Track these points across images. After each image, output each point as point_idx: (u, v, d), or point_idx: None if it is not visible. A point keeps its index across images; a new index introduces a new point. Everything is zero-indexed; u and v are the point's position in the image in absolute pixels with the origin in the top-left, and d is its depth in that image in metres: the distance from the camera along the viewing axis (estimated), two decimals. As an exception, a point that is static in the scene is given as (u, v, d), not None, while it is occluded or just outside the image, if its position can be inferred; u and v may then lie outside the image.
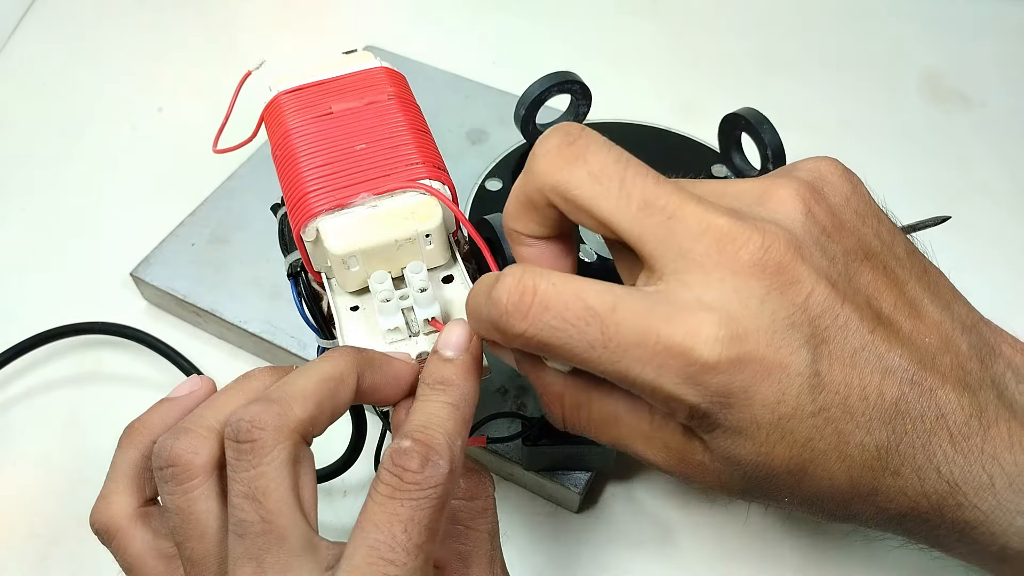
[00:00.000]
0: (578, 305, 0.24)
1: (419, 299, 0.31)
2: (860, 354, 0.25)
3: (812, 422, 0.24)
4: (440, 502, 0.24)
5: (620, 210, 0.25)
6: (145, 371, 0.47)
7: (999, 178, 0.57)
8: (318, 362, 0.27)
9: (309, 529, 0.25)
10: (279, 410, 0.25)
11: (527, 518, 0.42)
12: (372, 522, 0.24)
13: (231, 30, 0.70)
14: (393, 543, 0.23)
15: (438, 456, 0.25)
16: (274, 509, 0.24)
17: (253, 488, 0.25)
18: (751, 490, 0.27)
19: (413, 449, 0.25)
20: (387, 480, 0.24)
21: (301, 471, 0.26)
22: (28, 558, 0.41)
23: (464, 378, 0.28)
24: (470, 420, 0.28)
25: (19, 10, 0.71)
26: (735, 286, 0.24)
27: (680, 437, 0.26)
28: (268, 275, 0.48)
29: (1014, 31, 0.68)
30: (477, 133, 0.55)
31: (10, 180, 0.59)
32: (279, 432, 0.25)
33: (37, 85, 0.66)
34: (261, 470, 0.25)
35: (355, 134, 0.33)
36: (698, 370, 0.23)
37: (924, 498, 0.25)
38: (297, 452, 0.26)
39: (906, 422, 0.25)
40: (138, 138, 0.61)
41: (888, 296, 0.26)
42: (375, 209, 0.32)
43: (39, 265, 0.53)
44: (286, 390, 0.26)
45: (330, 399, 0.26)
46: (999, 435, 0.25)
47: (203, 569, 0.26)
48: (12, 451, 0.45)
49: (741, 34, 0.68)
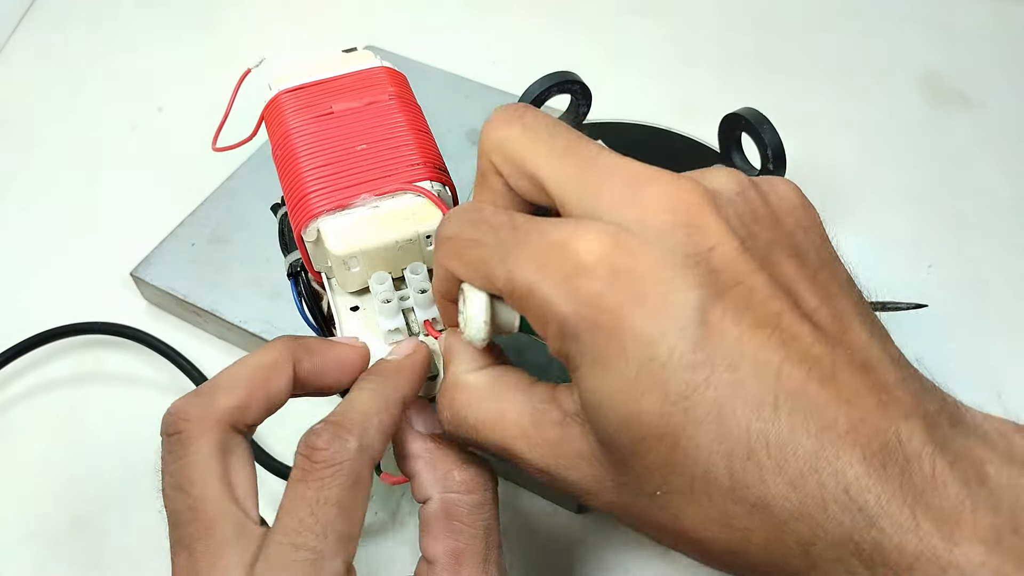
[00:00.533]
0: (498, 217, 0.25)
1: (419, 300, 0.31)
2: (764, 326, 0.21)
3: (689, 377, 0.21)
4: (349, 479, 0.25)
5: (547, 157, 0.25)
6: (145, 371, 0.47)
7: (999, 178, 0.57)
8: (254, 352, 0.28)
9: (241, 516, 0.25)
10: (204, 401, 0.26)
11: (527, 518, 0.42)
12: (284, 509, 0.24)
13: (231, 29, 0.70)
14: (300, 527, 0.24)
15: (347, 432, 0.25)
16: (200, 497, 0.25)
17: (179, 479, 0.25)
18: (625, 482, 0.23)
19: (323, 429, 0.25)
20: (298, 463, 0.25)
21: (232, 459, 0.26)
22: (28, 558, 0.41)
23: (395, 372, 0.28)
24: (397, 410, 0.28)
25: (19, 10, 0.71)
26: (637, 216, 0.23)
27: (558, 427, 0.25)
28: (268, 275, 0.47)
29: (1014, 31, 0.68)
30: (477, 133, 0.55)
31: (10, 180, 0.58)
32: (203, 422, 0.26)
33: (37, 85, 0.66)
34: (187, 460, 0.25)
35: (356, 134, 0.33)
36: (573, 270, 0.22)
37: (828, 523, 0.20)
38: (225, 441, 0.26)
39: (808, 420, 0.20)
40: (138, 138, 0.61)
41: (811, 296, 0.23)
42: (376, 210, 0.32)
43: (39, 265, 0.53)
44: (216, 381, 0.27)
45: (262, 387, 0.27)
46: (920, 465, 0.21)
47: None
48: (12, 451, 0.45)
49: (741, 34, 0.68)
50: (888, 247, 0.52)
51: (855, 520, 0.20)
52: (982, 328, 0.48)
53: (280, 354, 0.28)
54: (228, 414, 0.26)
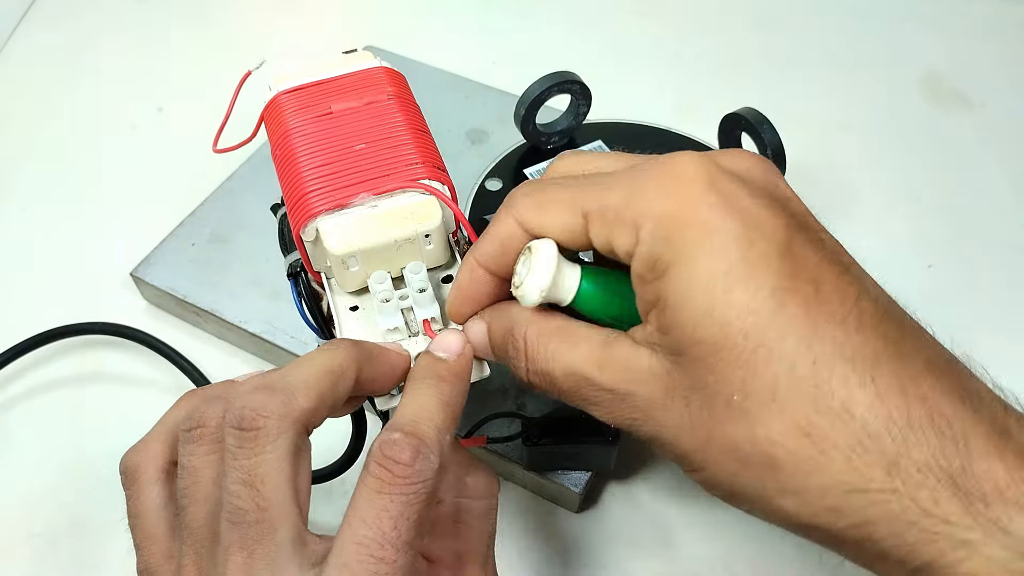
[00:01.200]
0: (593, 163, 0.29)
1: (419, 299, 0.31)
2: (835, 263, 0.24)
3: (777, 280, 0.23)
4: (429, 497, 0.24)
5: None
6: (145, 371, 0.47)
7: (999, 178, 0.57)
8: (317, 353, 0.27)
9: (301, 522, 0.25)
10: (284, 399, 0.25)
11: (527, 518, 0.42)
12: (360, 517, 0.24)
13: (231, 30, 0.70)
14: (382, 540, 0.23)
15: (428, 450, 0.25)
16: (271, 498, 0.24)
17: (252, 476, 0.24)
18: (699, 390, 0.23)
19: (404, 441, 0.24)
20: (376, 473, 0.24)
21: (300, 462, 0.25)
22: (28, 558, 0.41)
23: (455, 377, 0.28)
24: (457, 420, 0.28)
25: (19, 10, 0.71)
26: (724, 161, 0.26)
27: (628, 350, 0.26)
28: (268, 275, 0.48)
29: (1014, 31, 0.68)
30: (477, 133, 0.55)
31: (10, 180, 0.59)
32: (283, 421, 0.25)
33: (37, 85, 0.66)
34: (263, 458, 0.24)
35: (355, 134, 0.34)
36: (674, 178, 0.24)
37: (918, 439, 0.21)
38: (299, 442, 0.25)
39: None
40: (138, 138, 0.61)
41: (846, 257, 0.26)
42: (375, 209, 0.32)
43: (39, 265, 0.53)
44: (289, 380, 0.26)
45: (330, 391, 0.26)
46: None
47: (197, 539, 0.25)
48: (12, 451, 0.45)
49: (741, 34, 0.68)
50: (888, 247, 0.52)
51: (944, 441, 0.21)
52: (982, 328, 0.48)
53: (348, 359, 0.27)
54: (305, 416, 0.25)
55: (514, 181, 0.48)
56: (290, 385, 0.26)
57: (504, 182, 0.48)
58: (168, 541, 0.27)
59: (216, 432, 0.26)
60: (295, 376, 0.26)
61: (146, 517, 0.27)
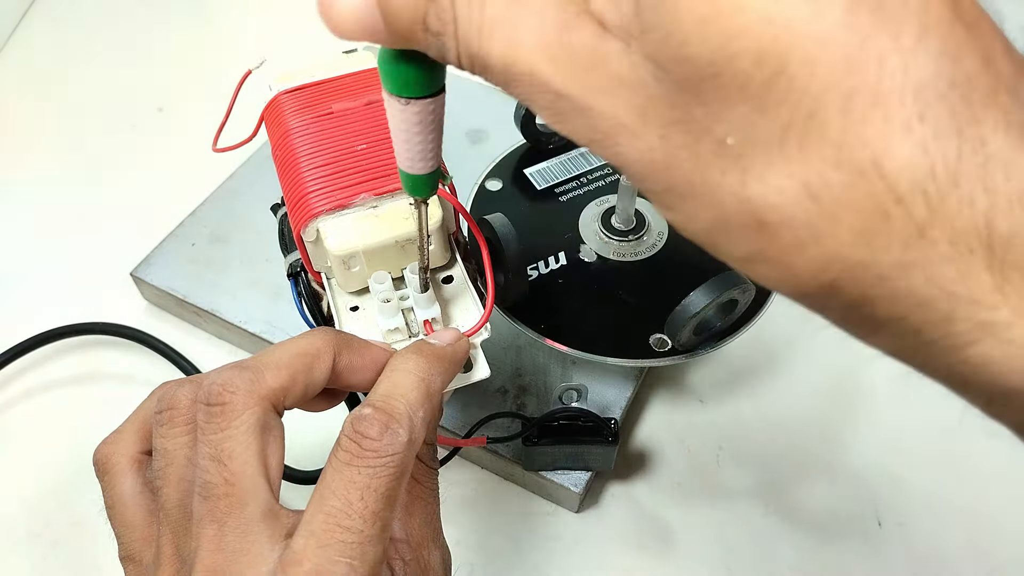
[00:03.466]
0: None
1: (419, 300, 0.31)
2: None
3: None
4: (398, 471, 0.24)
5: None
6: (145, 371, 0.47)
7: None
8: (297, 336, 0.28)
9: (271, 496, 0.25)
10: (252, 376, 0.26)
11: (527, 518, 0.42)
12: (330, 489, 0.24)
13: (232, 29, 0.70)
14: (349, 510, 0.23)
15: (398, 424, 0.25)
16: (238, 472, 0.24)
17: (219, 450, 0.25)
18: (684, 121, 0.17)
19: (373, 416, 0.25)
20: (346, 447, 0.24)
21: (269, 439, 0.26)
22: (28, 558, 0.41)
23: (438, 357, 0.28)
24: (438, 400, 0.28)
25: (19, 9, 0.71)
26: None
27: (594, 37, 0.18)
28: (268, 275, 0.48)
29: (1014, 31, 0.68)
30: (477, 133, 0.55)
31: (10, 180, 0.59)
32: (250, 397, 0.25)
33: (37, 84, 0.66)
34: (229, 433, 0.25)
35: (355, 134, 0.34)
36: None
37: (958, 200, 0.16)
38: (266, 419, 0.26)
39: None
40: (138, 138, 0.61)
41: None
42: (375, 209, 0.32)
43: (39, 265, 0.53)
44: (261, 359, 0.27)
45: (304, 372, 0.27)
46: None
47: (173, 518, 0.26)
48: (12, 451, 0.45)
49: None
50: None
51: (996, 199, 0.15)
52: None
53: (325, 343, 0.28)
54: (273, 393, 0.26)
55: (514, 181, 0.48)
56: (260, 364, 0.26)
57: (504, 182, 0.48)
58: (146, 527, 0.27)
59: (187, 412, 0.26)
60: (268, 356, 0.27)
61: (122, 505, 0.28)
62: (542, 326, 0.40)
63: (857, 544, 0.41)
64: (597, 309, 0.41)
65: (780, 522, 0.41)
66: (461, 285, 0.33)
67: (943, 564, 0.40)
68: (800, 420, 0.45)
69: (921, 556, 0.40)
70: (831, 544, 0.41)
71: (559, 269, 0.42)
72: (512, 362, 0.44)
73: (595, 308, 0.41)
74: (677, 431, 0.45)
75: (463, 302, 0.33)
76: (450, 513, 0.30)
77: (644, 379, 0.45)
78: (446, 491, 0.30)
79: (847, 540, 0.41)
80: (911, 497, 0.42)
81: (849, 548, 0.41)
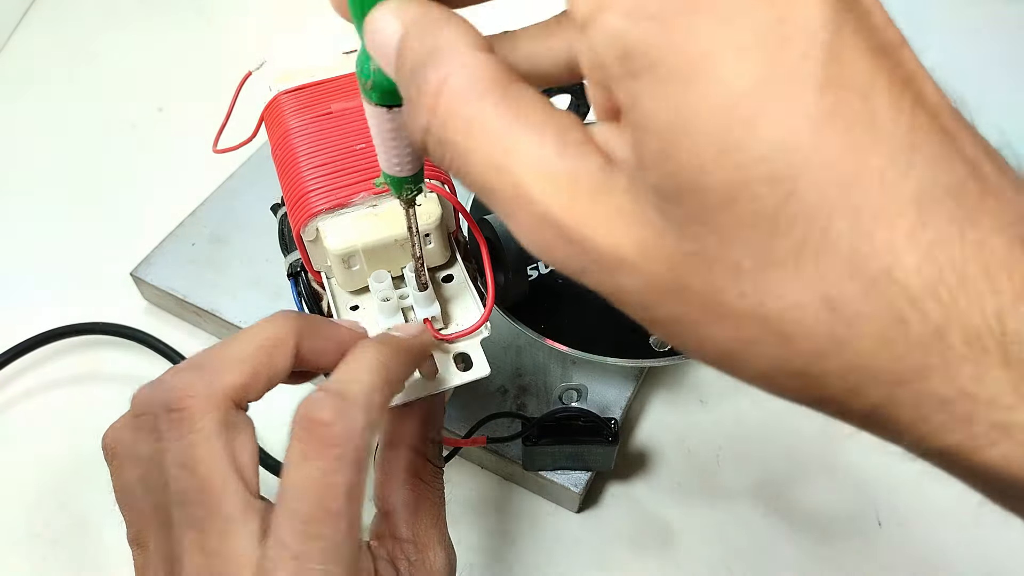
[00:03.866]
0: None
1: (419, 298, 0.31)
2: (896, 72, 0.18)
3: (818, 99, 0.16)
4: (356, 461, 0.24)
5: None
6: (145, 371, 0.47)
7: (999, 178, 0.57)
8: (257, 325, 0.27)
9: (247, 494, 0.24)
10: (209, 378, 0.25)
11: (527, 518, 0.42)
12: (291, 492, 0.23)
13: (231, 30, 0.70)
14: (314, 514, 0.23)
15: (352, 407, 0.24)
16: (208, 476, 0.24)
17: (185, 457, 0.24)
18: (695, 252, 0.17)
19: (325, 399, 0.24)
20: (298, 435, 0.24)
21: (236, 436, 0.25)
22: (28, 558, 0.41)
23: (400, 346, 0.27)
24: (397, 384, 0.27)
25: (19, 10, 0.71)
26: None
27: (596, 169, 0.17)
28: (268, 275, 0.47)
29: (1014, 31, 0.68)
30: (477, 133, 0.55)
31: (10, 180, 0.59)
32: (209, 400, 0.25)
33: (37, 85, 0.66)
34: (192, 439, 0.24)
35: (355, 134, 0.34)
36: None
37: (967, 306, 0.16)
38: (228, 418, 0.25)
39: None
40: (138, 138, 0.61)
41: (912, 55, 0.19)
42: (375, 208, 0.32)
43: (39, 265, 0.53)
44: (220, 355, 0.26)
45: (266, 365, 0.26)
46: None
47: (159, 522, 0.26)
48: (12, 451, 0.45)
49: (741, 34, 0.68)
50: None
51: (1002, 300, 0.16)
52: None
53: (284, 331, 0.27)
54: (234, 391, 0.25)
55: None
56: (218, 361, 0.26)
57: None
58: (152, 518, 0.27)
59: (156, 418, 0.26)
60: (227, 351, 0.26)
61: (129, 491, 0.28)
62: (542, 326, 0.40)
63: (857, 544, 0.41)
64: (597, 309, 0.41)
65: (780, 522, 0.41)
66: (461, 284, 0.33)
67: (943, 564, 0.40)
68: (800, 420, 0.45)
69: (921, 556, 0.40)
70: (831, 544, 0.41)
71: (559, 269, 0.42)
72: (512, 362, 0.44)
73: (595, 308, 0.41)
74: (677, 431, 0.45)
75: (463, 301, 0.33)
76: (450, 513, 0.30)
77: (644, 379, 0.45)
78: (446, 491, 0.30)
79: (847, 540, 0.41)
80: (911, 497, 0.42)
81: (849, 548, 0.41)
